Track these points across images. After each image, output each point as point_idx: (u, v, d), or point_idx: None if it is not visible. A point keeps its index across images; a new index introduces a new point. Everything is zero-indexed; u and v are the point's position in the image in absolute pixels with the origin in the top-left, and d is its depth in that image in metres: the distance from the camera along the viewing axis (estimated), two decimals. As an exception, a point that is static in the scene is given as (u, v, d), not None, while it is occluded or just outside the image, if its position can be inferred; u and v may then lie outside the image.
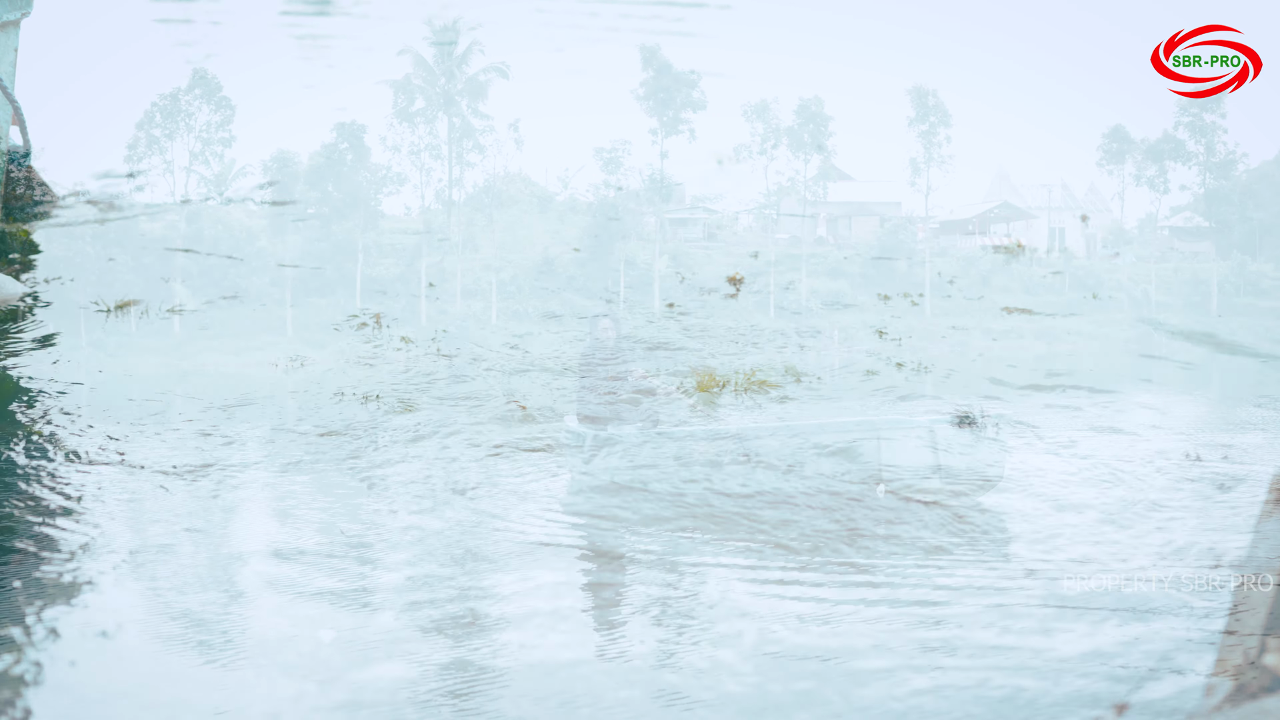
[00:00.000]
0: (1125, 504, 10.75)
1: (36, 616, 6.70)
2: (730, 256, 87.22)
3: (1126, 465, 13.50)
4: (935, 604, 6.78)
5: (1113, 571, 7.40)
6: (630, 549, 9.06)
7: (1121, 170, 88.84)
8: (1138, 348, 79.38)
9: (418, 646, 6.10)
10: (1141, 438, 17.41)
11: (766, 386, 21.10)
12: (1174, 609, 6.49)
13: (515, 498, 11.63)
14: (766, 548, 8.67)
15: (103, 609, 7.02)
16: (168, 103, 70.62)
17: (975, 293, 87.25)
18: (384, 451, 16.82)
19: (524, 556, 8.77)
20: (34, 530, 9.48)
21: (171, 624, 6.60)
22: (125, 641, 6.28)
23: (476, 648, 6.06)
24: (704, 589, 7.35)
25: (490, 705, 5.17)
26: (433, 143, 76.98)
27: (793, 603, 6.88)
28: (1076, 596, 6.77)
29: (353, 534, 9.43)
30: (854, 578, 7.49)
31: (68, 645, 6.16)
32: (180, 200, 72.49)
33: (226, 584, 7.61)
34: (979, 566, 7.96)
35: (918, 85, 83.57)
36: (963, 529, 9.50)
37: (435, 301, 76.17)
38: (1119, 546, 8.34)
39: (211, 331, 70.31)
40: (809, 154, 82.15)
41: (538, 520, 10.41)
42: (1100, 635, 6.01)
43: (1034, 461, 14.25)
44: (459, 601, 7.05)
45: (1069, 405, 25.39)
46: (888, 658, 5.74)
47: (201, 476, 13.78)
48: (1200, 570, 7.53)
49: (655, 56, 77.95)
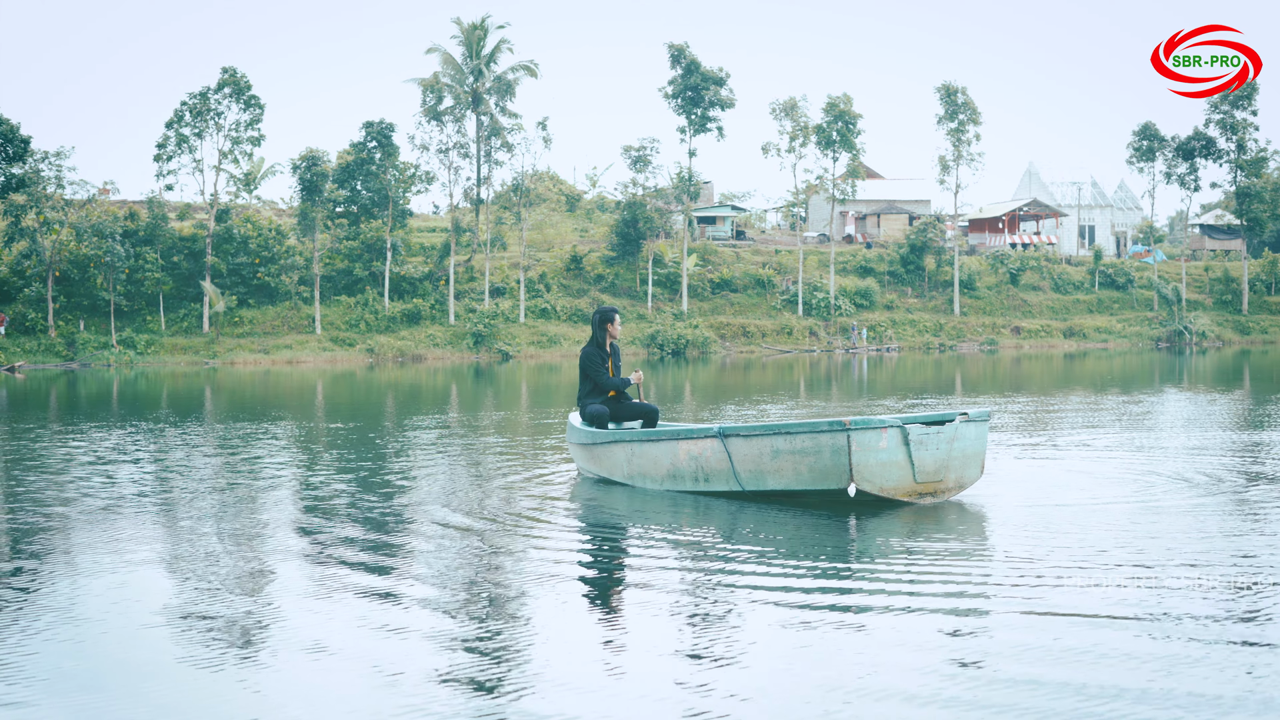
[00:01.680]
0: (1097, 504, 10.76)
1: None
2: (759, 255, 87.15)
3: (1125, 467, 13.45)
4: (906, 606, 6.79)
5: (1073, 569, 7.42)
6: (629, 552, 9.09)
7: (1152, 168, 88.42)
8: (1167, 345, 78.95)
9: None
10: (1146, 444, 17.31)
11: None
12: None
13: (531, 501, 11.66)
14: (750, 552, 8.70)
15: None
16: (197, 101, 70.79)
17: (1004, 290, 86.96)
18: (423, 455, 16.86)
19: (542, 571, 8.80)
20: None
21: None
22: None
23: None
24: (690, 597, 7.37)
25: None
26: (461, 141, 77.05)
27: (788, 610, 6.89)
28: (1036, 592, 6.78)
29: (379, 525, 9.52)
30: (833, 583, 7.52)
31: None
32: (209, 198, 72.62)
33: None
34: (953, 563, 7.97)
35: (946, 83, 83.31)
36: (931, 529, 9.51)
37: (463, 300, 76.26)
38: (1079, 548, 8.34)
39: (241, 329, 70.57)
40: (837, 152, 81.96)
41: (542, 521, 10.45)
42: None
43: (1039, 463, 14.20)
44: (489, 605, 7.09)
45: (1083, 407, 25.28)
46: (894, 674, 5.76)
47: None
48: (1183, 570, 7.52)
49: (684, 54, 77.90)
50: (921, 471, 10.60)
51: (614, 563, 8.67)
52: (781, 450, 10.70)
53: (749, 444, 10.94)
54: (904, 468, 10.51)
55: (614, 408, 12.98)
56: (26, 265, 67.86)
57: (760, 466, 10.90)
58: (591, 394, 12.98)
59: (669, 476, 11.76)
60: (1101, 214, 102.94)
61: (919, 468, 10.57)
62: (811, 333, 79.29)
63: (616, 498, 11.61)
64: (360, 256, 75.72)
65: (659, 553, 8.91)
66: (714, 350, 73.81)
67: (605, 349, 12.97)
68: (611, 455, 12.44)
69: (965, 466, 10.94)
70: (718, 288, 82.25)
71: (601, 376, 12.85)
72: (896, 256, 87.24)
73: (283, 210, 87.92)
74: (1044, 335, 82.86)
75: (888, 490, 10.49)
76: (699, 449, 11.35)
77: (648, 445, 11.95)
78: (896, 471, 10.50)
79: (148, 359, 65.54)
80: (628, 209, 79.82)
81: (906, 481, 10.56)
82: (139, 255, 69.67)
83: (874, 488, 10.41)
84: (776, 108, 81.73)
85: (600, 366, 12.87)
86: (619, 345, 13.60)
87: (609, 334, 12.93)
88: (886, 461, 10.43)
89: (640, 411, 12.95)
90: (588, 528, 10.17)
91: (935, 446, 10.64)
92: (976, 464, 11.06)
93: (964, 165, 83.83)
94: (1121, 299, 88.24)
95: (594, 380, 12.91)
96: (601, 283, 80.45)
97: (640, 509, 10.97)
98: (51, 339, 66.03)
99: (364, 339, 70.72)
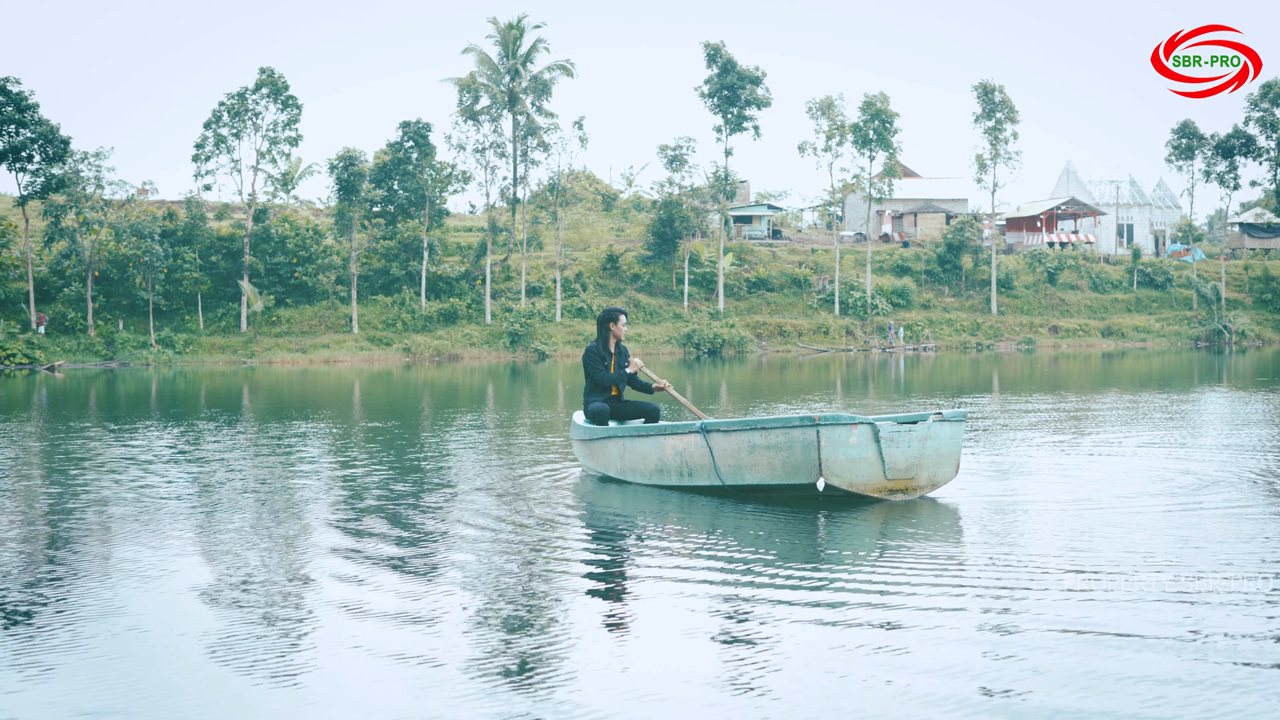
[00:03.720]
0: (1077, 503, 10.72)
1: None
2: (795, 254, 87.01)
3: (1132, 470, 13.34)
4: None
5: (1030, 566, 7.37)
6: (627, 553, 9.08)
7: (1191, 166, 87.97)
8: (1206, 345, 78.50)
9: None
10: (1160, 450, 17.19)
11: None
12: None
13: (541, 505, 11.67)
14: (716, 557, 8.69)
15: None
16: (235, 102, 71.08)
17: (1041, 289, 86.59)
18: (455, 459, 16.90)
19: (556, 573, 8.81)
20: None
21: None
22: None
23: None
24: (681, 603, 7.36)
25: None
26: (497, 141, 77.15)
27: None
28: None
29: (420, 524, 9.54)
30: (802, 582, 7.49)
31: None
32: (247, 198, 72.90)
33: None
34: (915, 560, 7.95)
35: (984, 81, 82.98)
36: (963, 529, 9.47)
37: (499, 299, 76.37)
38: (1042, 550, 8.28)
39: (279, 328, 70.85)
40: (874, 151, 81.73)
41: (547, 523, 10.47)
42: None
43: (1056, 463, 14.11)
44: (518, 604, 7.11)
45: (1122, 406, 25.13)
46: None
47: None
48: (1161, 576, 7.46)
49: (719, 53, 77.82)
50: (892, 469, 10.79)
51: (647, 568, 8.66)
52: (758, 445, 10.92)
53: (728, 439, 11.16)
54: (874, 464, 10.70)
55: (615, 406, 13.13)
56: (66, 265, 68.28)
57: (738, 461, 11.12)
58: (593, 391, 13.12)
59: (656, 471, 12.01)
60: (1140, 212, 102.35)
61: (890, 465, 10.76)
62: (848, 332, 79.13)
63: (643, 499, 11.61)
64: (397, 256, 75.95)
65: (670, 554, 8.90)
66: (750, 350, 73.74)
67: (609, 348, 13.06)
68: (606, 451, 12.69)
69: (939, 465, 11.08)
70: (754, 287, 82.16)
71: (600, 373, 13.00)
72: (933, 255, 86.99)
73: (320, 210, 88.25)
74: (1082, 334, 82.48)
75: (857, 486, 10.68)
76: (684, 444, 11.60)
77: (637, 441, 12.20)
78: (867, 468, 10.69)
79: (186, 358, 65.89)
80: (664, 208, 79.79)
81: (877, 478, 10.75)
82: (177, 255, 70.00)
83: (843, 483, 10.61)
84: (813, 106, 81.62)
85: (599, 364, 13.01)
86: (626, 346, 13.77)
87: (613, 334, 13.03)
88: (856, 458, 10.62)
89: (642, 410, 13.08)
90: (614, 531, 10.16)
91: (907, 445, 10.83)
92: (951, 463, 11.20)
93: (1001, 164, 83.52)
94: (1160, 298, 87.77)
95: (592, 378, 13.06)
96: (637, 282, 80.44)
97: (659, 508, 10.97)
98: (91, 338, 66.41)
99: (401, 338, 70.91)
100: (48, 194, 66.39)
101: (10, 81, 64.61)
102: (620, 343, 13.18)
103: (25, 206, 67.10)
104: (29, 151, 65.46)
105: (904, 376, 42.25)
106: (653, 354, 70.27)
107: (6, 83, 64.55)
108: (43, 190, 66.17)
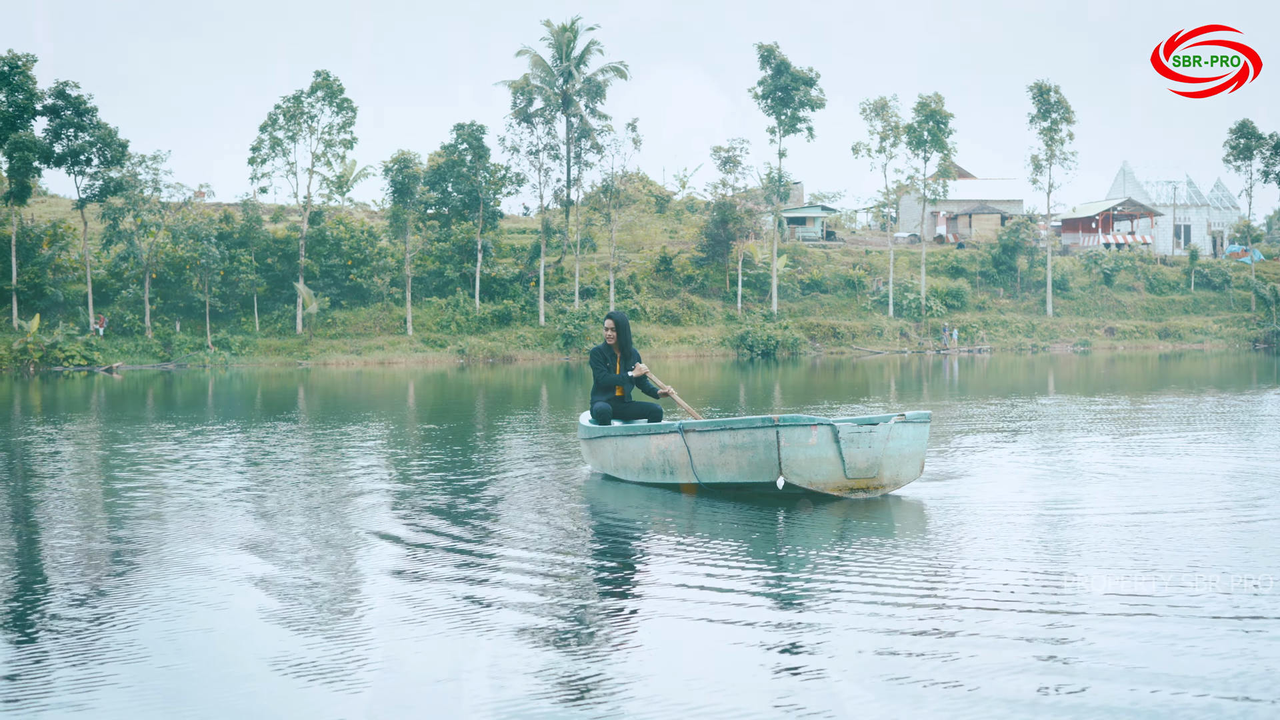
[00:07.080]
0: (1054, 503, 10.64)
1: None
2: (849, 255, 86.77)
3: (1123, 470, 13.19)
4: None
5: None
6: (627, 553, 9.07)
7: (1249, 166, 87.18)
8: (1264, 346, 77.74)
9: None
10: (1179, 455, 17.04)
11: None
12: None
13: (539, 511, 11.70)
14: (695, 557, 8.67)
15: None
16: (290, 105, 71.46)
17: (1097, 290, 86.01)
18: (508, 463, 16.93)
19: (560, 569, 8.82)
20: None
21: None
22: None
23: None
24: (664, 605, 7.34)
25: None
26: (551, 143, 77.21)
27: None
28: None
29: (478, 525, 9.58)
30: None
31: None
32: (302, 201, 73.30)
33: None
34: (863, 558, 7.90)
35: (1039, 82, 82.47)
36: (1021, 536, 9.40)
37: (553, 301, 76.48)
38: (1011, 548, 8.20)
39: (334, 330, 71.20)
40: (929, 152, 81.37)
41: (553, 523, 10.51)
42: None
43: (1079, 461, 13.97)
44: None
45: (1183, 409, 24.90)
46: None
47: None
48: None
49: (773, 55, 77.65)
50: (852, 468, 11.15)
51: (664, 574, 8.65)
52: (727, 445, 11.38)
53: (702, 439, 11.62)
54: (834, 464, 11.07)
55: (619, 406, 13.41)
56: (124, 267, 68.85)
57: (711, 460, 11.59)
58: (597, 391, 13.42)
59: (643, 469, 12.51)
60: (1197, 213, 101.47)
61: (850, 464, 11.12)
62: (902, 333, 78.85)
63: (609, 490, 11.63)
64: (451, 258, 76.18)
65: (683, 556, 8.88)
66: (804, 351, 73.58)
67: (615, 349, 13.34)
68: (602, 450, 13.21)
69: (902, 465, 11.45)
70: (808, 288, 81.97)
71: (602, 373, 13.34)
72: (988, 257, 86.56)
73: (375, 212, 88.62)
74: (1138, 336, 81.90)
75: (816, 484, 11.06)
76: (666, 444, 12.09)
77: (627, 440, 12.70)
78: (826, 467, 11.07)
79: (242, 360, 66.31)
80: (717, 210, 79.69)
81: (836, 477, 11.12)
82: (233, 257, 70.47)
83: (803, 481, 11.01)
84: (867, 108, 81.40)
85: (601, 364, 13.34)
86: (637, 350, 14.12)
87: (604, 336, 13.32)
88: (815, 457, 11.00)
89: (645, 410, 13.33)
90: (621, 533, 10.16)
91: (868, 445, 11.17)
92: (915, 463, 11.60)
93: (1057, 164, 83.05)
94: (1218, 299, 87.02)
95: (595, 378, 13.38)
96: (691, 283, 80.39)
97: (628, 500, 10.98)
98: (148, 340, 66.93)
99: (455, 340, 71.12)
100: (106, 197, 66.92)
101: (70, 86, 65.29)
102: (634, 348, 13.56)
103: (84, 209, 67.75)
104: (88, 155, 66.12)
105: (958, 378, 42.04)
106: (705, 356, 70.28)
107: (66, 87, 65.23)
108: (101, 193, 66.74)
